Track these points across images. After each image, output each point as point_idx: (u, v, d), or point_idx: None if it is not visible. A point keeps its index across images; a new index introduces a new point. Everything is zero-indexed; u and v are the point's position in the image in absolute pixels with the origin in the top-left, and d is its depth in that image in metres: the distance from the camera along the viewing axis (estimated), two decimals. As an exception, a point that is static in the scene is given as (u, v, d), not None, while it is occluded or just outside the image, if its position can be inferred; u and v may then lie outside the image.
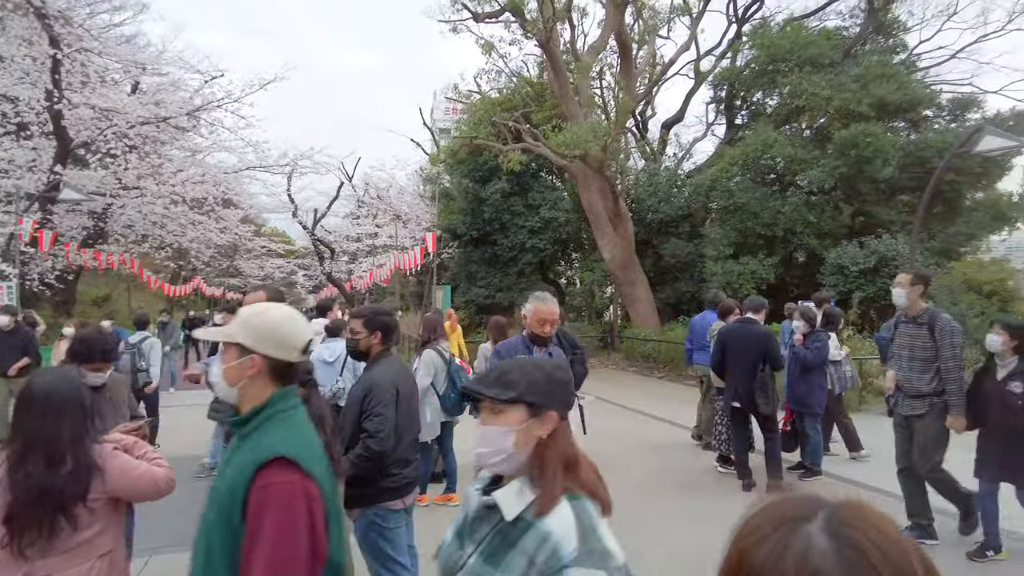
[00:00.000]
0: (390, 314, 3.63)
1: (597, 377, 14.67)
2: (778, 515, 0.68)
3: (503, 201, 19.62)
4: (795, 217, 15.92)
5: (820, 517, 0.66)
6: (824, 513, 0.67)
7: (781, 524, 0.67)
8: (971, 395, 4.74)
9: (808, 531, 0.65)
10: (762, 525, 0.68)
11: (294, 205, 32.47)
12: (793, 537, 0.65)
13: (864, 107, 15.19)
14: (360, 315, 3.52)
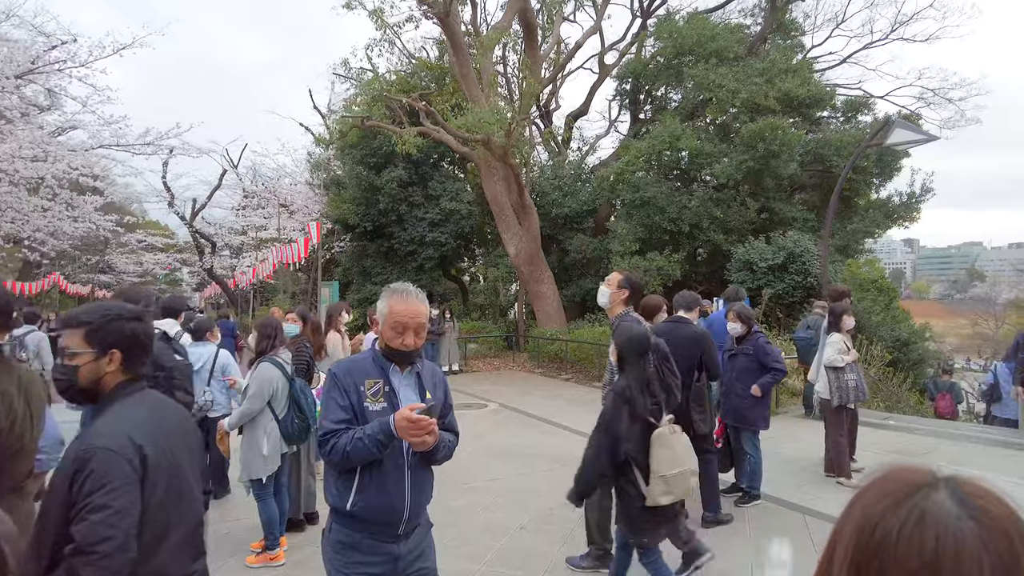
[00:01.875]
0: (140, 318, 2.03)
1: (502, 380, 13.38)
2: (900, 483, 0.67)
3: (400, 191, 17.95)
4: (701, 212, 15.32)
5: (943, 486, 0.66)
6: (945, 484, 0.67)
7: (907, 492, 0.66)
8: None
9: (939, 499, 0.64)
10: (885, 494, 0.67)
11: (170, 194, 29.21)
12: (927, 504, 0.64)
13: (771, 101, 14.78)
14: (77, 322, 1.91)
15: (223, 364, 5.65)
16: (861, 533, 0.67)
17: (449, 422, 2.76)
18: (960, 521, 0.63)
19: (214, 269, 30.28)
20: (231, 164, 29.94)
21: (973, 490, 0.66)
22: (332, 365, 2.70)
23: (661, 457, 3.25)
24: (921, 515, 0.64)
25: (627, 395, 3.35)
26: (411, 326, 2.52)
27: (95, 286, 37.89)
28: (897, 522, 0.65)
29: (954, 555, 0.61)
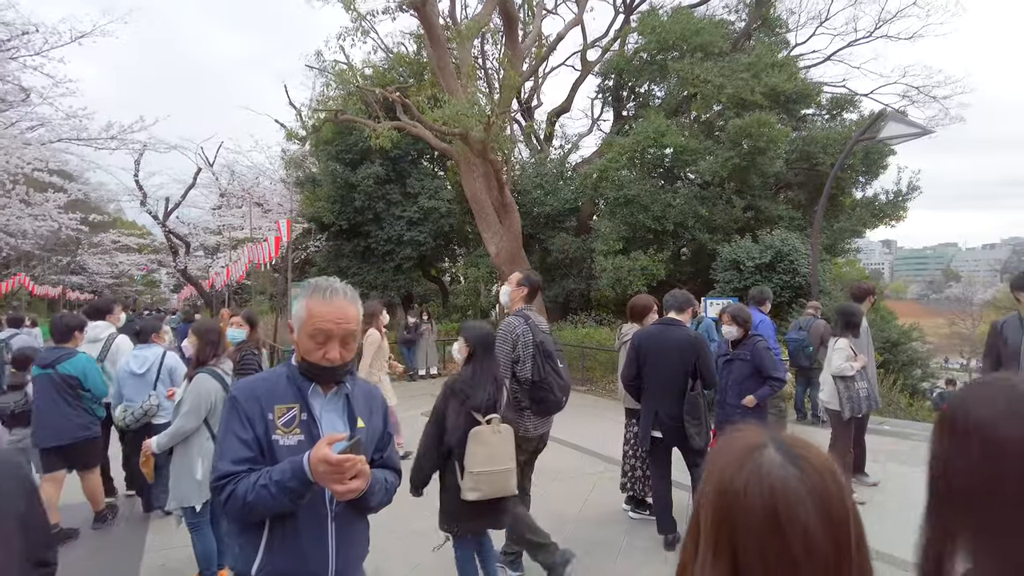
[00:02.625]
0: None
1: (480, 385, 12.81)
2: (740, 446, 0.85)
3: (377, 188, 17.29)
4: (686, 210, 14.85)
5: (771, 444, 0.84)
6: (773, 441, 0.85)
7: (743, 454, 0.83)
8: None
9: (770, 454, 0.82)
10: (731, 456, 0.84)
11: (142, 192, 28.24)
12: (759, 462, 0.81)
13: (757, 96, 14.34)
14: None
15: (170, 367, 5.13)
16: (718, 495, 0.83)
17: (388, 457, 2.17)
18: (786, 470, 0.81)
19: (188, 270, 29.35)
20: (206, 162, 29.08)
21: (795, 445, 0.84)
22: (232, 386, 2.08)
23: (474, 453, 3.23)
24: (757, 469, 0.82)
25: (456, 388, 3.36)
26: (336, 334, 1.93)
27: (66, 287, 36.69)
28: (743, 479, 0.82)
29: (784, 496, 0.79)
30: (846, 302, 6.10)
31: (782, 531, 0.78)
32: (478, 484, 3.23)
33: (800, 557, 0.77)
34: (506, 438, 3.34)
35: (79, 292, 41.51)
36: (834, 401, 5.58)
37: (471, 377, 3.38)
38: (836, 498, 0.79)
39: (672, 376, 4.51)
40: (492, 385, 3.39)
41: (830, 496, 0.79)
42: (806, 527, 0.77)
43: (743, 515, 0.80)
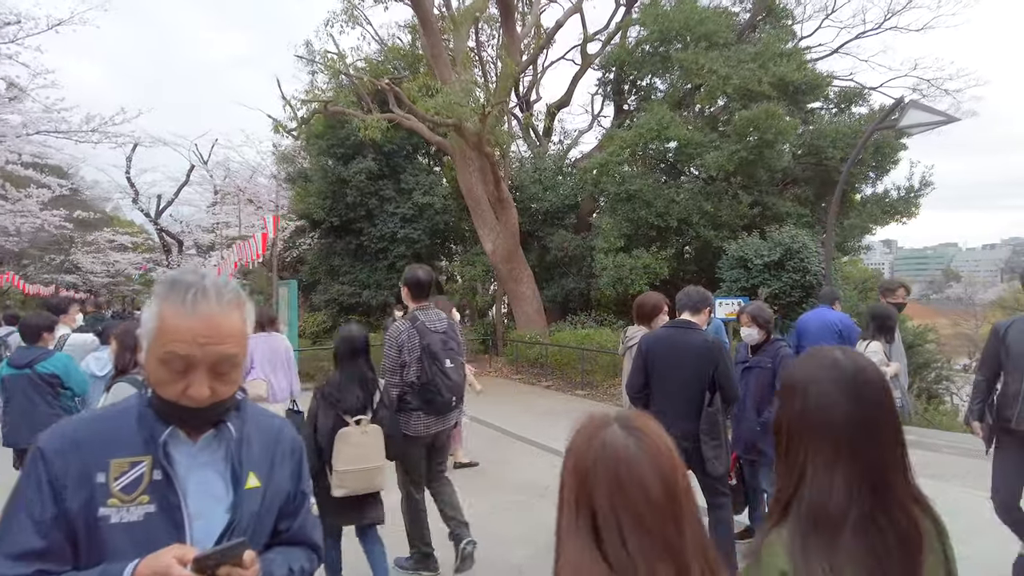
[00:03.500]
0: None
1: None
2: (591, 428, 1.02)
3: (369, 183, 16.60)
4: (690, 206, 14.16)
5: (615, 423, 1.02)
6: (616, 421, 1.02)
7: (595, 431, 1.01)
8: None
9: (613, 431, 1.00)
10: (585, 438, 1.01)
11: (134, 190, 27.63)
12: (608, 436, 0.99)
13: (764, 86, 13.64)
14: None
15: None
16: (576, 469, 1.00)
17: (300, 527, 1.48)
18: (626, 440, 0.98)
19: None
20: (200, 159, 28.41)
21: (634, 421, 1.02)
22: (42, 435, 1.36)
23: (339, 452, 3.36)
24: (603, 444, 0.98)
25: (326, 393, 3.51)
26: (201, 360, 1.24)
27: (59, 286, 35.95)
28: (593, 452, 0.99)
29: (626, 461, 0.96)
30: (877, 303, 5.42)
31: (626, 488, 0.95)
32: (344, 481, 3.37)
33: (643, 506, 0.95)
34: (374, 438, 3.45)
35: (74, 291, 40.86)
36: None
37: (339, 382, 3.53)
38: (667, 458, 0.98)
39: (686, 388, 3.84)
40: (361, 388, 3.51)
41: (662, 457, 0.98)
42: (644, 482, 0.95)
43: (596, 481, 0.97)
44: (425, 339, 3.78)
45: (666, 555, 0.95)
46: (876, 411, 1.14)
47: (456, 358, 3.94)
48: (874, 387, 1.16)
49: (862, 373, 1.16)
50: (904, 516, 1.11)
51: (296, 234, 22.75)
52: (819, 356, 1.23)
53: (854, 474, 1.11)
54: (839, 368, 1.17)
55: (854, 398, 1.14)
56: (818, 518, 1.11)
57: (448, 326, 4.02)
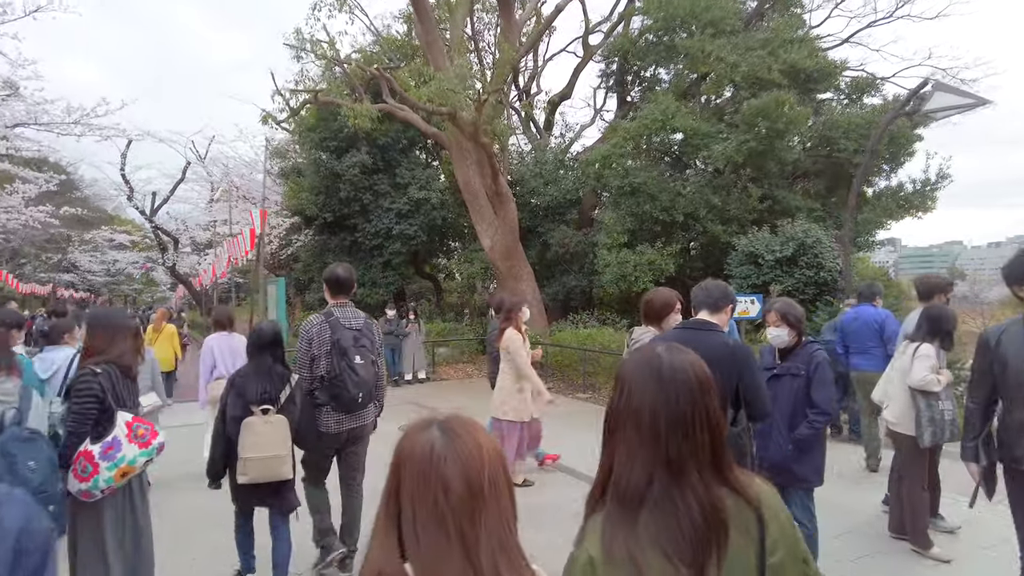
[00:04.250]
0: None
1: (472, 391, 11.45)
2: (414, 429, 1.09)
3: (363, 178, 15.94)
4: (697, 200, 13.47)
5: (435, 424, 1.07)
6: (437, 422, 1.08)
7: (415, 433, 1.07)
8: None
9: (431, 430, 1.06)
10: (407, 438, 1.08)
11: (128, 187, 26.99)
12: (423, 433, 1.06)
13: (775, 74, 12.94)
14: None
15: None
16: (393, 464, 1.07)
17: None
18: (439, 440, 1.04)
19: (177, 267, 28.09)
20: (197, 156, 27.80)
21: (453, 423, 1.07)
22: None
23: (243, 441, 3.45)
24: (417, 443, 1.05)
25: (235, 382, 3.62)
26: None
27: (56, 285, 35.44)
28: (407, 452, 1.05)
29: (432, 457, 1.02)
30: (932, 304, 4.72)
31: (427, 481, 1.01)
32: (246, 468, 3.45)
33: (441, 503, 0.99)
34: (277, 428, 3.51)
35: (73, 290, 40.35)
36: (906, 423, 4.23)
37: (244, 374, 3.65)
38: (475, 457, 1.03)
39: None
40: (268, 380, 3.58)
41: (469, 456, 1.02)
42: (444, 476, 1.00)
43: (403, 477, 1.04)
44: (336, 334, 3.79)
45: (458, 552, 0.99)
46: (681, 405, 1.20)
47: (367, 355, 3.89)
48: (683, 384, 1.22)
49: (672, 370, 1.24)
50: (701, 500, 1.16)
51: (291, 231, 22.12)
52: (642, 352, 1.33)
53: (654, 460, 1.19)
54: (653, 365, 1.26)
55: (661, 392, 1.21)
56: (619, 500, 1.19)
57: (364, 324, 3.98)
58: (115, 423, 3.05)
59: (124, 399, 3.20)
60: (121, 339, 3.23)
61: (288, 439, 3.57)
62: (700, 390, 1.23)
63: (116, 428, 3.04)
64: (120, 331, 3.26)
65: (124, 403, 3.18)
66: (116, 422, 3.06)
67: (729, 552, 1.14)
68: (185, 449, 6.18)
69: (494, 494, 1.02)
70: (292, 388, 3.67)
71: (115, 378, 3.16)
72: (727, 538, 1.15)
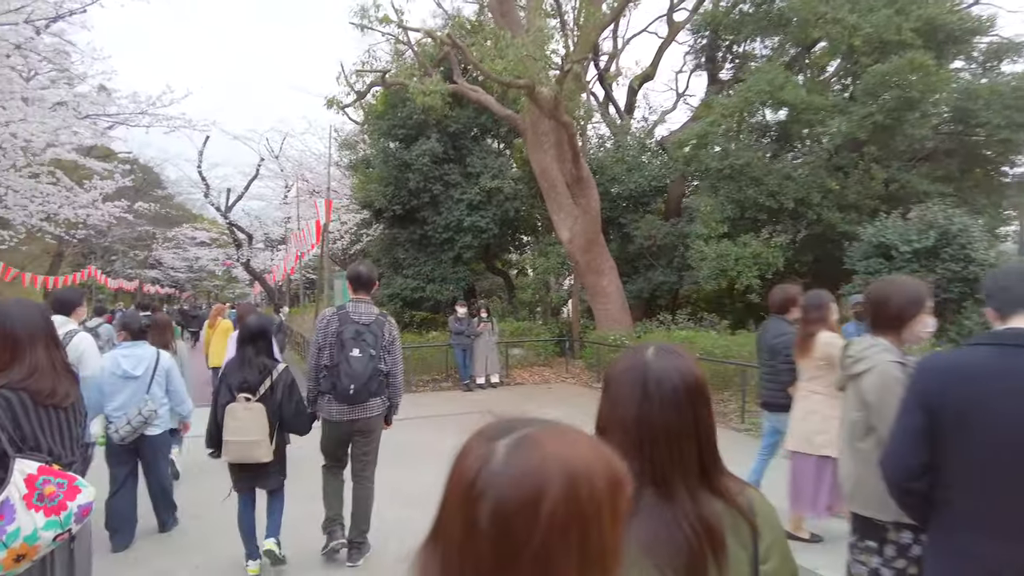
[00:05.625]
0: None
1: (552, 398, 10.06)
2: (482, 435, 0.76)
3: (434, 167, 14.85)
4: (810, 183, 11.63)
5: (511, 436, 0.73)
6: (516, 433, 0.73)
7: (485, 438, 0.75)
8: None
9: (496, 445, 0.72)
10: (469, 443, 0.76)
11: (205, 184, 27.18)
12: (485, 447, 0.73)
13: (906, 34, 10.93)
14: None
15: (166, 368, 4.53)
16: (448, 479, 0.77)
17: None
18: (493, 465, 0.70)
19: (251, 263, 28.11)
20: (270, 152, 27.72)
21: (529, 442, 0.72)
22: None
23: (226, 425, 3.69)
24: (473, 453, 0.73)
25: (226, 371, 3.90)
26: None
27: (142, 281, 36.49)
28: (460, 458, 0.75)
29: (471, 488, 0.70)
30: None
31: (462, 512, 0.72)
32: (227, 450, 3.70)
33: (466, 543, 0.71)
34: (256, 415, 3.68)
35: (159, 286, 41.65)
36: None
37: (231, 363, 3.91)
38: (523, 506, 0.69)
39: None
40: (250, 369, 3.77)
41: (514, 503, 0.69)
42: (476, 522, 0.71)
43: (446, 492, 0.77)
44: (341, 327, 3.92)
45: None
46: (666, 415, 1.14)
47: (366, 350, 3.91)
48: (668, 392, 1.15)
49: (658, 379, 1.15)
50: (690, 515, 1.10)
51: (360, 227, 21.42)
52: (630, 355, 1.24)
53: (641, 470, 1.11)
54: (638, 372, 1.17)
55: (646, 401, 1.15)
56: None
57: (374, 320, 4.03)
58: (7, 479, 1.89)
59: (35, 437, 2.05)
60: (31, 350, 2.08)
61: (266, 426, 3.70)
62: (688, 399, 1.15)
63: (8, 486, 1.88)
64: (30, 338, 2.11)
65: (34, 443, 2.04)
66: (8, 477, 1.91)
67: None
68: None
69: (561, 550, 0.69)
70: (273, 379, 3.79)
71: (20, 408, 2.02)
72: (725, 552, 1.09)
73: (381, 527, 4.60)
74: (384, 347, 4.00)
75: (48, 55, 13.27)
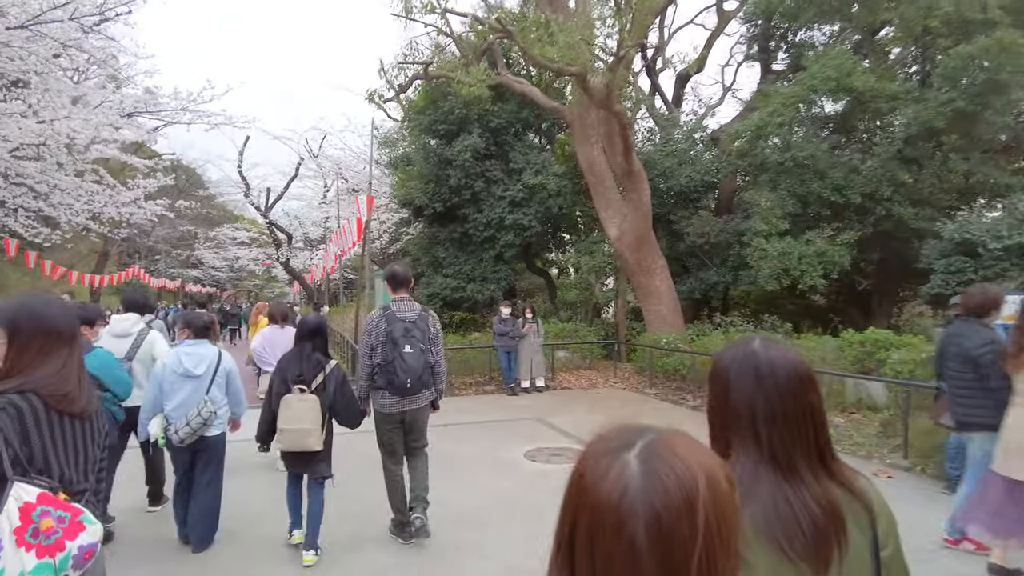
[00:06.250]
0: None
1: (603, 405, 9.43)
2: (606, 444, 0.74)
3: (475, 163, 14.37)
4: (880, 176, 10.79)
5: (638, 446, 0.71)
6: (639, 443, 0.72)
7: (607, 452, 0.72)
8: None
9: (626, 458, 0.70)
10: (593, 453, 0.74)
11: (245, 183, 27.27)
12: (614, 462, 0.71)
13: (993, 12, 10.01)
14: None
15: (228, 369, 4.37)
16: (569, 489, 0.75)
17: None
18: (633, 480, 0.68)
19: (290, 263, 28.11)
20: (309, 152, 27.69)
21: (661, 451, 0.70)
22: None
23: (281, 414, 3.91)
24: (605, 471, 0.70)
25: (280, 365, 4.11)
26: None
27: (184, 280, 36.99)
28: (589, 477, 0.72)
29: (618, 508, 0.67)
30: None
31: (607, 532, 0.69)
32: (281, 438, 3.94)
33: (621, 555, 0.69)
34: (310, 406, 3.90)
35: (200, 286, 42.23)
36: None
37: (287, 357, 4.11)
38: (679, 517, 0.67)
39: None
40: (307, 364, 4.00)
41: (670, 514, 0.67)
42: (632, 542, 0.68)
43: (579, 513, 0.73)
44: (390, 326, 4.10)
45: None
46: (782, 401, 1.14)
47: (416, 344, 4.09)
48: (783, 379, 1.16)
49: (771, 366, 1.17)
50: (817, 496, 1.09)
51: (399, 226, 21.11)
52: (737, 345, 1.25)
53: (759, 456, 1.12)
54: (750, 361, 1.19)
55: (760, 389, 1.16)
56: None
57: (418, 316, 4.20)
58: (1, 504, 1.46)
59: (44, 456, 1.62)
60: (69, 349, 1.81)
61: (319, 416, 3.90)
62: (801, 386, 1.16)
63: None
64: (69, 337, 1.85)
65: (43, 463, 1.60)
66: (2, 504, 1.47)
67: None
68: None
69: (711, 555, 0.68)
70: (326, 374, 3.99)
71: (31, 418, 1.60)
72: (846, 534, 1.09)
73: (443, 554, 4.15)
74: (430, 340, 4.21)
75: (95, 53, 13.24)
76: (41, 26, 11.43)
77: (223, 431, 4.29)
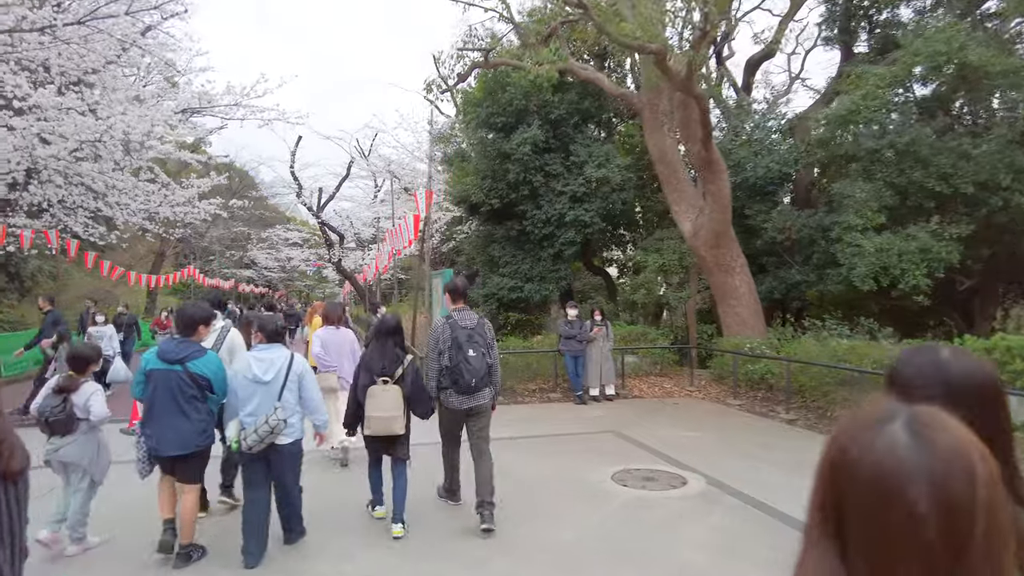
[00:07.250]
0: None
1: (686, 418, 8.46)
2: (867, 419, 0.72)
3: (534, 157, 13.62)
4: (996, 163, 9.59)
5: (901, 419, 0.70)
6: (900, 416, 0.70)
7: (867, 426, 0.71)
8: None
9: (893, 428, 0.69)
10: (850, 428, 0.73)
11: (297, 184, 27.21)
12: (880, 433, 0.69)
13: None
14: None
15: (299, 373, 4.10)
16: (832, 464, 0.73)
17: None
18: (906, 450, 0.67)
19: (341, 263, 27.96)
20: (360, 152, 27.49)
21: (928, 422, 0.69)
22: None
23: (367, 403, 4.34)
24: (872, 444, 0.69)
25: (364, 360, 4.60)
26: None
27: (237, 281, 37.43)
28: (855, 451, 0.70)
29: (895, 476, 0.65)
30: None
31: (886, 505, 0.67)
32: (369, 424, 4.35)
33: (904, 532, 0.66)
34: (392, 395, 4.34)
35: (253, 286, 42.80)
36: None
37: (370, 353, 4.58)
38: (959, 474, 0.65)
39: None
40: (387, 359, 4.45)
41: (951, 471, 0.65)
42: (910, 500, 0.65)
43: (850, 487, 0.70)
44: (455, 333, 4.55)
45: None
46: (970, 406, 0.95)
47: (478, 348, 4.55)
48: (972, 386, 1.08)
49: (962, 371, 1.09)
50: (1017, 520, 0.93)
51: (452, 224, 20.57)
52: (922, 351, 1.18)
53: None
54: (939, 365, 1.11)
55: (948, 390, 1.05)
56: None
57: (477, 323, 4.68)
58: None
59: None
60: None
61: (401, 404, 4.36)
62: (992, 398, 1.08)
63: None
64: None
65: None
66: None
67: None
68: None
69: (992, 532, 0.65)
70: (405, 367, 4.47)
71: None
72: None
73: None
74: (488, 344, 4.65)
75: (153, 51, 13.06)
76: (98, 22, 11.23)
77: (296, 439, 4.11)
